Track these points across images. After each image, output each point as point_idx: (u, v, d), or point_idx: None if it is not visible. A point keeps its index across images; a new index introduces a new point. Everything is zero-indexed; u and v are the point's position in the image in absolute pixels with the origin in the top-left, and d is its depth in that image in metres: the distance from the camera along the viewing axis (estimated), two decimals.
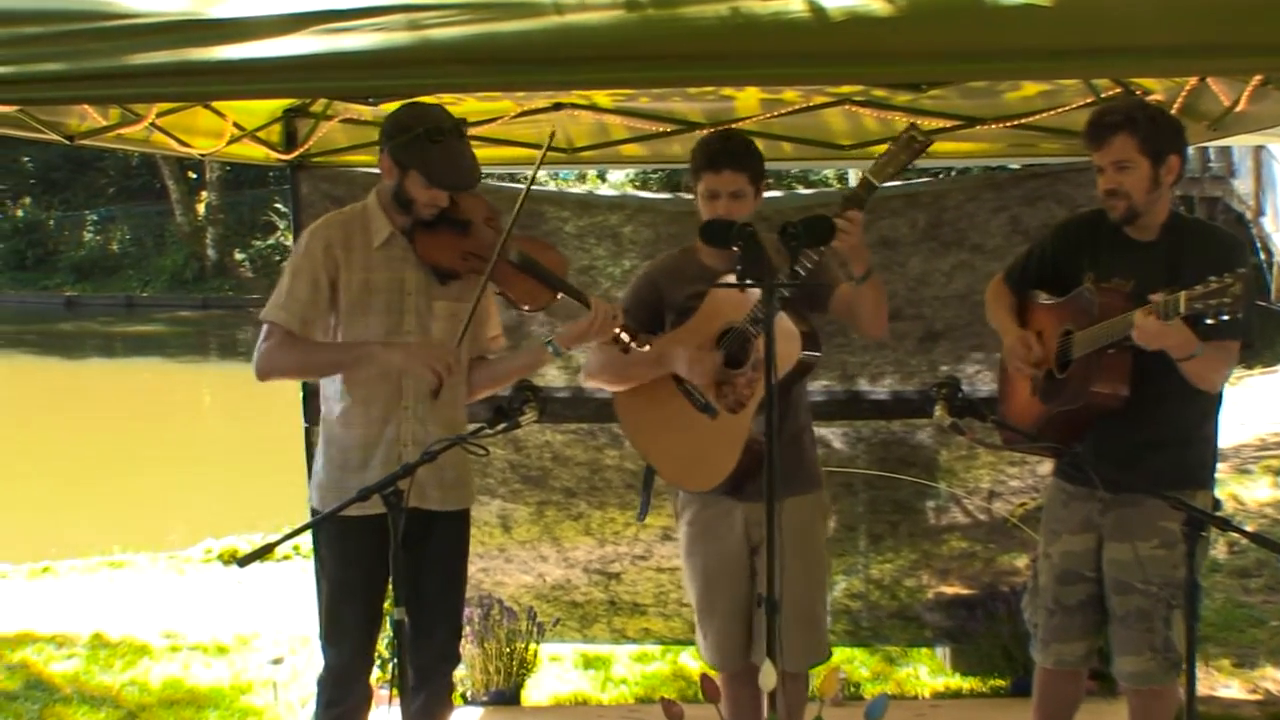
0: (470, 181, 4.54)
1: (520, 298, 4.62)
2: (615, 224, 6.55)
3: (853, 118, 6.10)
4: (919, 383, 6.47)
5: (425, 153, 4.43)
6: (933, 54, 3.27)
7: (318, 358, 4.61)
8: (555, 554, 6.82)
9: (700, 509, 4.85)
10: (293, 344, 4.54)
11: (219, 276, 37.97)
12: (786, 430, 4.66)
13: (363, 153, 6.40)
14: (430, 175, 4.46)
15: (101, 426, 18.94)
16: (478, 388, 4.84)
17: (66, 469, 15.86)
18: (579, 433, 6.68)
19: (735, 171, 4.62)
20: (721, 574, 4.80)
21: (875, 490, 6.60)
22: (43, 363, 27.32)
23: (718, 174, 4.62)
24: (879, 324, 4.64)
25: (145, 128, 5.31)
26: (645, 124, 6.17)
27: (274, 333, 4.55)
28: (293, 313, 4.53)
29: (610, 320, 4.51)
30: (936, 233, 6.41)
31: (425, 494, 4.60)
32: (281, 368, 4.59)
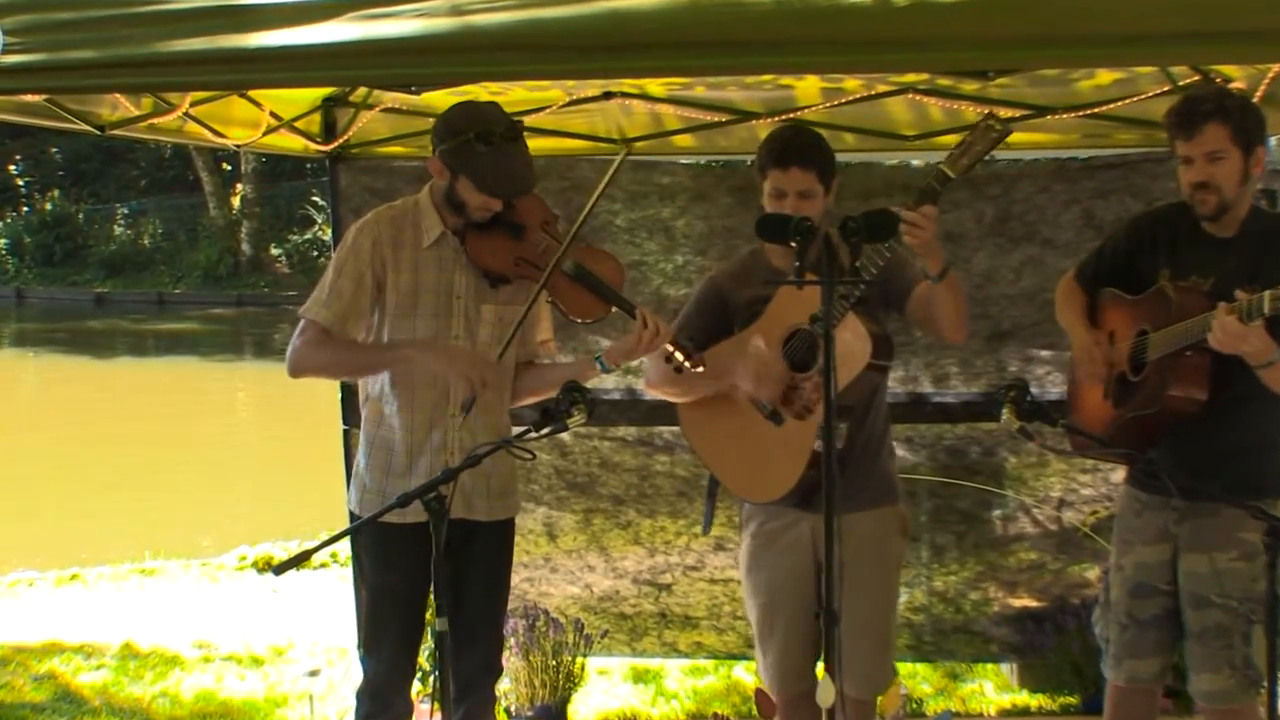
0: (523, 189, 4.56)
1: (572, 310, 4.64)
2: (668, 217, 6.56)
3: (917, 107, 6.08)
4: (985, 385, 6.44)
5: (476, 158, 4.45)
6: (1001, 40, 3.26)
7: (352, 357, 4.66)
8: (603, 564, 6.83)
9: (765, 520, 4.81)
10: (327, 342, 4.58)
11: (254, 272, 38.16)
12: (860, 439, 4.66)
13: (404, 144, 6.43)
14: (481, 182, 4.49)
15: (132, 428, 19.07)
16: (523, 393, 4.87)
17: (96, 472, 15.98)
18: (628, 438, 6.69)
19: (803, 169, 4.57)
20: (785, 590, 4.74)
21: (939, 498, 6.58)
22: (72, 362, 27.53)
23: (784, 171, 4.58)
24: (958, 327, 4.56)
25: (179, 117, 5.35)
26: (700, 114, 6.17)
27: (310, 329, 4.59)
28: (334, 311, 4.57)
29: (657, 338, 4.52)
30: (1004, 227, 6.39)
31: (472, 504, 4.64)
32: (315, 366, 4.63)
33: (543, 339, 4.91)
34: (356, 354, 4.66)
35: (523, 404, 4.90)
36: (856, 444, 4.64)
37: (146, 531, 12.24)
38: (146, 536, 11.78)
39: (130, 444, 17.87)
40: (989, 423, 6.41)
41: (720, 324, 4.81)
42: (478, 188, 4.49)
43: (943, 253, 4.41)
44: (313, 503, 11.56)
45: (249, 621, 8.98)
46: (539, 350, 4.91)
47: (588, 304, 4.63)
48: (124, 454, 17.19)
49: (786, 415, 4.60)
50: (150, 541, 11.46)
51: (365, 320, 4.64)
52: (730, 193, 6.50)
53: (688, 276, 6.53)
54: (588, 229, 6.29)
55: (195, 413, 20.92)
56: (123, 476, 15.78)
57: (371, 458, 4.73)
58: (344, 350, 4.62)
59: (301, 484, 13.92)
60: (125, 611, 9.39)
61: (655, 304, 6.43)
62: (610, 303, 4.61)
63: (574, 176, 6.49)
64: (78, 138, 33.31)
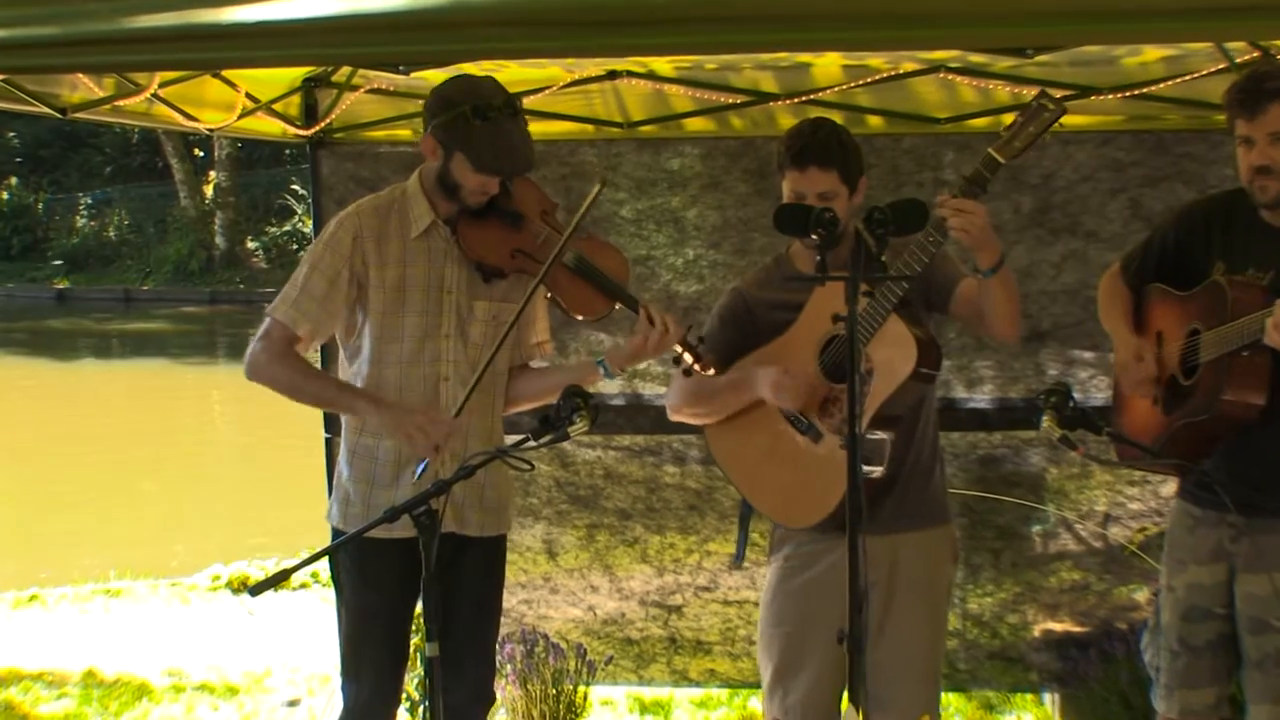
0: (522, 165, 4.55)
1: (573, 306, 4.62)
2: (677, 207, 6.56)
3: (948, 87, 6.08)
4: (1023, 390, 6.44)
5: (471, 133, 4.45)
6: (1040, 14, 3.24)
7: (309, 387, 4.69)
8: (607, 584, 6.83)
9: (800, 543, 4.78)
10: (288, 360, 4.62)
11: (229, 268, 38.18)
12: (910, 454, 4.64)
13: (392, 127, 6.44)
14: (477, 158, 4.48)
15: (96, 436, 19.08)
16: (517, 399, 4.87)
17: (56, 485, 15.98)
18: (635, 447, 6.69)
19: (823, 169, 4.55)
20: (818, 619, 4.66)
21: (973, 513, 6.58)
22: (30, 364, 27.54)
23: (802, 172, 4.56)
24: (1011, 324, 4.52)
25: (146, 99, 5.36)
26: (711, 94, 6.17)
27: (275, 332, 4.61)
28: (303, 312, 4.58)
29: (666, 337, 4.50)
30: (1044, 218, 6.38)
31: (464, 518, 4.64)
32: (271, 380, 4.64)
33: (539, 340, 4.91)
34: (314, 385, 4.71)
35: (517, 411, 4.90)
36: (906, 459, 4.62)
37: (111, 549, 12.23)
38: (111, 554, 11.77)
39: (94, 453, 17.87)
40: (1027, 431, 6.41)
41: (747, 338, 4.78)
42: (474, 165, 4.49)
43: (999, 243, 4.37)
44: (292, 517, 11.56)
45: (223, 647, 8.98)
46: (535, 352, 4.91)
47: (589, 299, 4.62)
48: (87, 464, 17.18)
49: (825, 430, 4.58)
50: (116, 560, 11.46)
51: (340, 322, 4.65)
52: (745, 179, 6.49)
53: (699, 272, 6.53)
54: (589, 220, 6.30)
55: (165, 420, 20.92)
56: (86, 489, 15.78)
57: (354, 467, 4.74)
58: (302, 377, 4.66)
59: (280, 497, 13.93)
60: (88, 636, 9.40)
61: (664, 302, 6.43)
62: (614, 298, 4.60)
63: (575, 162, 6.49)
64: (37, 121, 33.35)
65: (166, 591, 10.62)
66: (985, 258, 4.35)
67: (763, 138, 6.36)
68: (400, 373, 4.65)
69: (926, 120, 6.30)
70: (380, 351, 4.66)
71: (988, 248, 4.32)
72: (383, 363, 4.66)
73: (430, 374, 4.65)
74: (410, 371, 4.65)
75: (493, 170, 4.51)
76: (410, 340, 4.64)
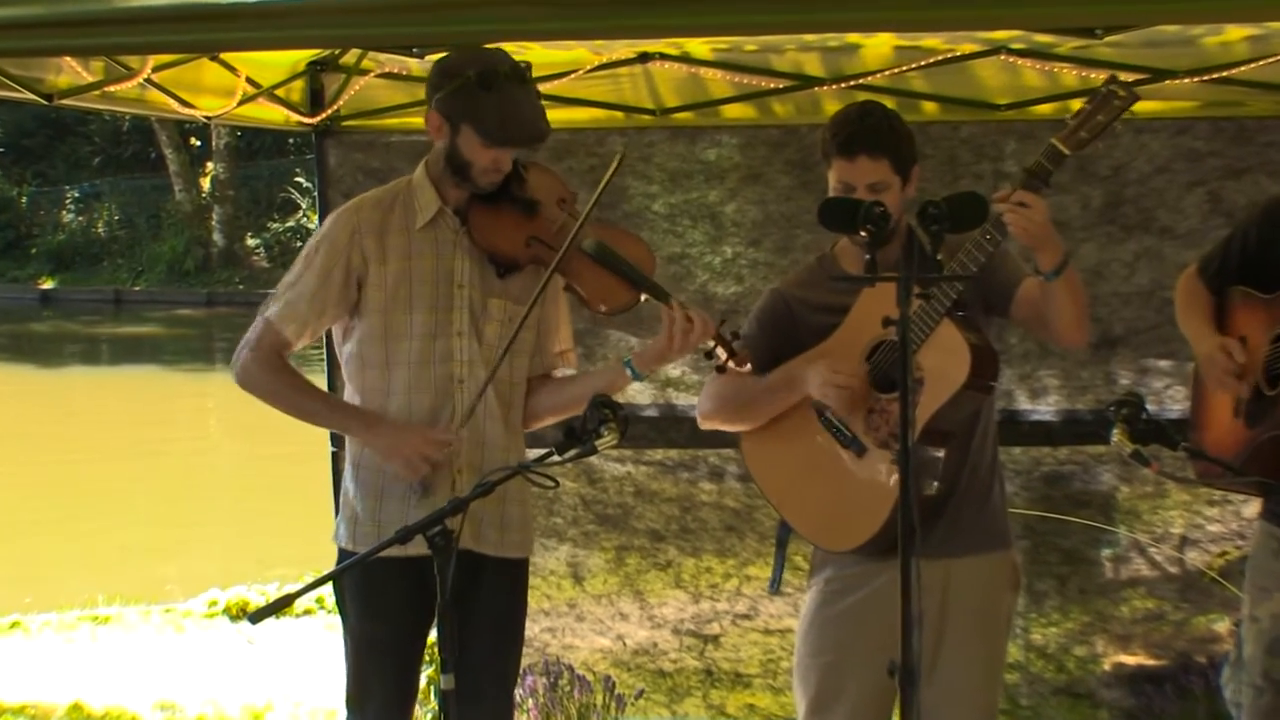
0: (535, 134, 4.54)
1: (594, 295, 4.61)
2: (714, 201, 6.56)
3: (1010, 70, 6.07)
4: (1092, 400, 6.43)
5: (478, 102, 4.44)
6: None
7: (300, 402, 4.70)
8: (638, 611, 6.84)
9: (842, 567, 4.74)
10: (279, 369, 4.65)
11: (227, 267, 38.28)
12: (965, 471, 4.62)
13: (405, 115, 6.46)
14: (485, 128, 4.47)
15: (83, 449, 19.13)
16: (539, 413, 4.84)
17: (40, 502, 16.02)
18: (668, 462, 6.69)
19: (873, 157, 4.52)
20: (860, 649, 4.64)
21: (1038, 535, 6.56)
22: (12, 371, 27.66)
23: (850, 161, 4.52)
24: (1077, 330, 4.49)
25: (139, 84, 5.38)
26: (751, 79, 6.17)
27: (266, 337, 4.63)
28: (294, 310, 4.60)
29: (693, 333, 4.48)
30: (1115, 213, 6.37)
31: (481, 535, 4.63)
32: (259, 389, 4.67)
33: (561, 348, 4.89)
34: (305, 400, 4.71)
35: (539, 426, 4.88)
36: (961, 477, 4.60)
37: (100, 572, 12.28)
38: (100, 578, 11.81)
39: (81, 468, 17.92)
40: (1096, 445, 6.40)
41: (787, 343, 4.75)
42: (483, 138, 4.48)
43: (1061, 243, 4.34)
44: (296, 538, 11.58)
45: (220, 679, 8.99)
46: (557, 361, 4.89)
47: (611, 288, 4.60)
48: (73, 480, 17.23)
49: (869, 444, 4.56)
50: (104, 584, 11.49)
51: (333, 320, 4.66)
52: (788, 170, 6.50)
53: (738, 272, 6.53)
54: (617, 215, 6.30)
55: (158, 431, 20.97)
56: (72, 507, 15.83)
57: (360, 482, 4.73)
58: (293, 390, 4.67)
59: (283, 515, 13.96)
60: (74, 666, 9.42)
61: (700, 304, 6.41)
62: (638, 288, 4.58)
63: (603, 153, 6.49)
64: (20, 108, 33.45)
65: (159, 618, 10.64)
66: (1046, 258, 4.32)
67: (807, 126, 6.35)
68: (410, 374, 4.64)
69: (986, 106, 6.30)
70: (387, 352, 4.65)
71: (1048, 247, 4.30)
72: (390, 364, 4.65)
73: (442, 375, 4.64)
74: (420, 373, 4.64)
75: (502, 140, 4.50)
76: (419, 338, 4.63)
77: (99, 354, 31.37)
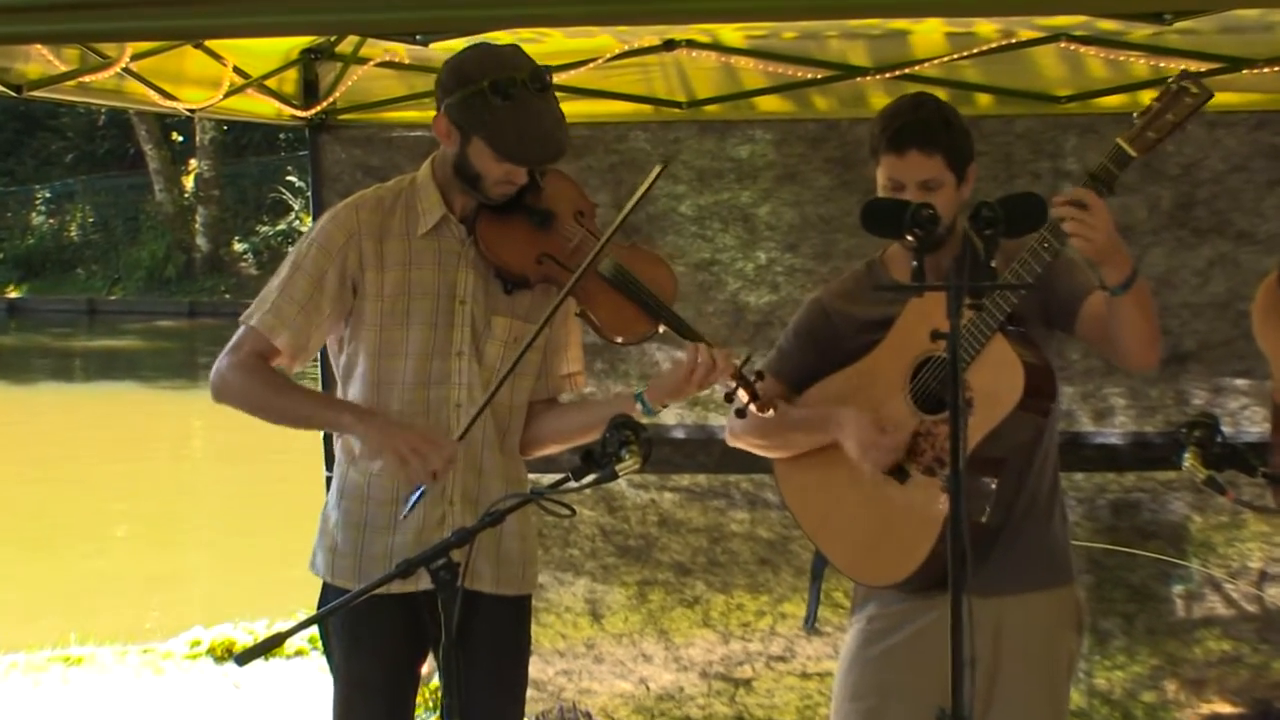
0: (554, 152, 4.52)
1: (609, 324, 4.59)
2: (747, 203, 6.57)
3: (1071, 60, 6.07)
4: (1162, 422, 6.42)
5: (493, 112, 4.42)
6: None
7: (282, 402, 4.65)
8: (663, 652, 6.84)
9: (885, 603, 4.73)
10: (260, 372, 4.60)
11: (212, 274, 38.36)
12: (1021, 501, 4.60)
13: (407, 108, 6.47)
14: (499, 143, 4.45)
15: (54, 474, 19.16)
16: (539, 440, 4.83)
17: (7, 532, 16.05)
18: (696, 488, 6.69)
19: (925, 153, 4.51)
20: (904, 692, 4.63)
21: (1102, 570, 6.56)
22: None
23: (900, 156, 4.51)
24: (1147, 350, 4.46)
25: (116, 74, 5.39)
26: (788, 68, 6.17)
27: (247, 344, 4.61)
28: (281, 318, 4.58)
29: (714, 371, 4.46)
30: (1186, 216, 6.36)
31: (474, 570, 4.58)
32: (240, 398, 4.63)
33: (570, 371, 4.87)
34: (288, 399, 4.66)
35: (537, 455, 4.87)
36: (1017, 506, 4.57)
37: (72, 608, 12.30)
38: (72, 615, 11.82)
39: (52, 495, 17.96)
40: (1167, 471, 6.39)
41: (826, 359, 4.75)
42: (496, 152, 4.46)
43: (1128, 254, 4.31)
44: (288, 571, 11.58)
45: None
46: (564, 385, 4.88)
47: (628, 317, 4.59)
48: (44, 508, 17.27)
49: (913, 470, 4.55)
50: (77, 621, 11.50)
51: (327, 330, 4.64)
52: (828, 169, 6.50)
53: (773, 280, 6.53)
54: (640, 217, 6.30)
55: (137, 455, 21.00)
56: (42, 537, 15.86)
57: (343, 509, 4.71)
58: (273, 391, 4.63)
59: (274, 547, 13.95)
60: (43, 712, 9.44)
61: (731, 315, 6.44)
62: (657, 318, 4.58)
63: (625, 150, 6.50)
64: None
65: (136, 659, 10.65)
66: (1112, 271, 4.28)
67: (849, 120, 6.36)
68: (403, 396, 4.63)
69: (1045, 99, 6.29)
70: (380, 371, 4.64)
71: (1114, 259, 4.26)
72: (382, 384, 4.64)
73: (439, 398, 4.63)
74: (415, 395, 4.63)
75: (518, 158, 4.49)
76: (414, 357, 4.62)
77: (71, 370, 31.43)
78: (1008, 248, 4.05)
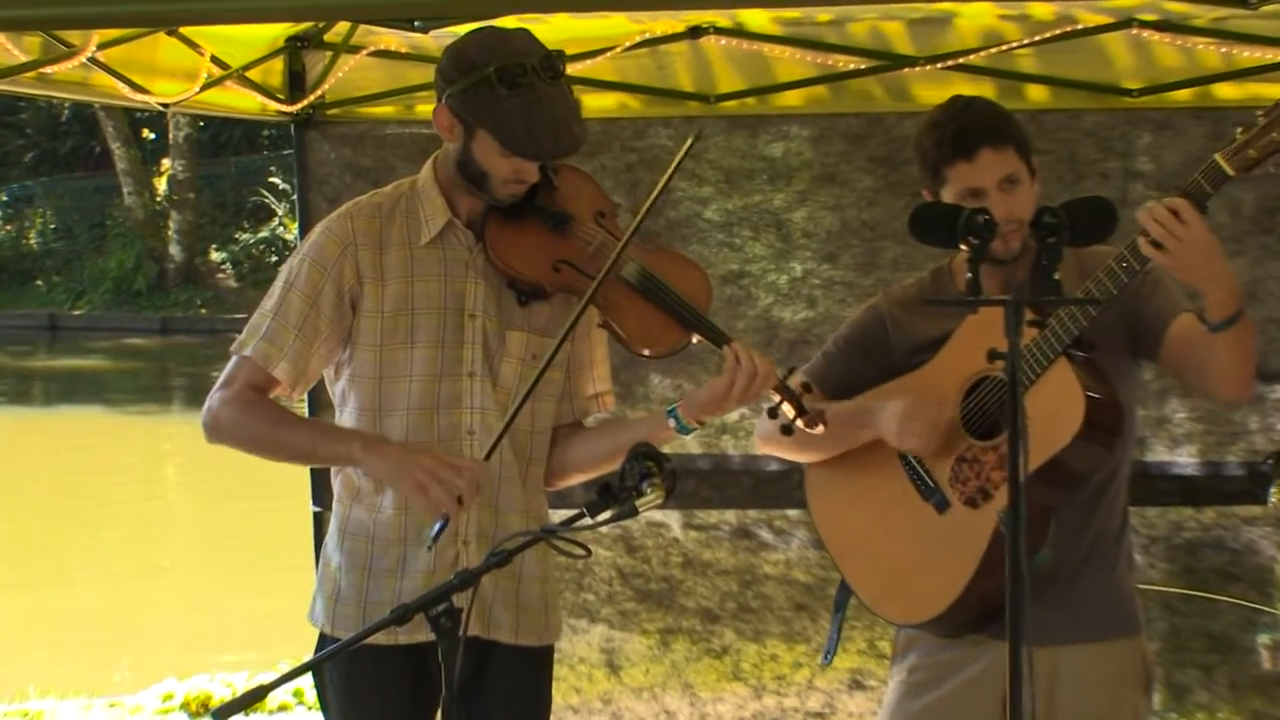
0: (568, 144, 4.51)
1: (634, 334, 4.56)
2: (781, 206, 6.56)
3: (1140, 48, 6.05)
4: (1244, 450, 6.40)
5: (499, 103, 4.40)
6: None
7: (283, 436, 4.65)
8: (688, 708, 6.83)
9: (929, 651, 4.72)
10: (257, 406, 4.59)
11: (187, 286, 38.39)
12: (1082, 542, 4.58)
13: (404, 102, 6.47)
14: (507, 135, 4.43)
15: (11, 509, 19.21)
16: (566, 470, 4.81)
17: None
18: (725, 526, 6.69)
19: (996, 147, 4.47)
20: None
21: (1178, 616, 6.54)
22: None
23: (971, 160, 4.45)
24: (1239, 388, 4.44)
25: (81, 64, 5.40)
26: (822, 57, 6.16)
27: (240, 376, 4.59)
28: (278, 345, 4.55)
29: (755, 382, 4.42)
30: (1272, 221, 6.35)
31: (491, 617, 4.59)
32: (236, 436, 4.63)
33: (597, 391, 4.85)
34: (289, 433, 4.67)
35: (566, 485, 4.87)
36: (1078, 545, 4.55)
37: (30, 657, 12.31)
38: (31, 665, 11.84)
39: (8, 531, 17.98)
40: (1250, 506, 6.38)
41: (875, 370, 4.75)
42: (503, 145, 4.43)
43: (1236, 286, 4.20)
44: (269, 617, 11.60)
45: None
46: (591, 406, 4.86)
47: (657, 327, 4.56)
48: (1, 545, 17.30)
49: (954, 499, 4.54)
50: (36, 673, 11.52)
51: (327, 354, 4.62)
52: (871, 168, 6.49)
53: (809, 293, 6.53)
54: (660, 223, 6.31)
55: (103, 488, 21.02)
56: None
57: (346, 551, 4.69)
58: (272, 425, 4.62)
59: (254, 590, 13.98)
60: None
61: (763, 332, 6.44)
62: (689, 327, 4.55)
63: (643, 148, 6.50)
64: None
65: (102, 714, 10.67)
66: (1218, 303, 4.19)
67: (895, 114, 6.36)
68: (408, 423, 4.60)
69: (1114, 91, 6.27)
70: (381, 396, 4.62)
71: (1215, 288, 4.17)
72: (384, 411, 4.62)
73: (449, 425, 4.61)
74: (421, 422, 4.60)
75: (528, 152, 4.46)
76: (420, 379, 4.60)
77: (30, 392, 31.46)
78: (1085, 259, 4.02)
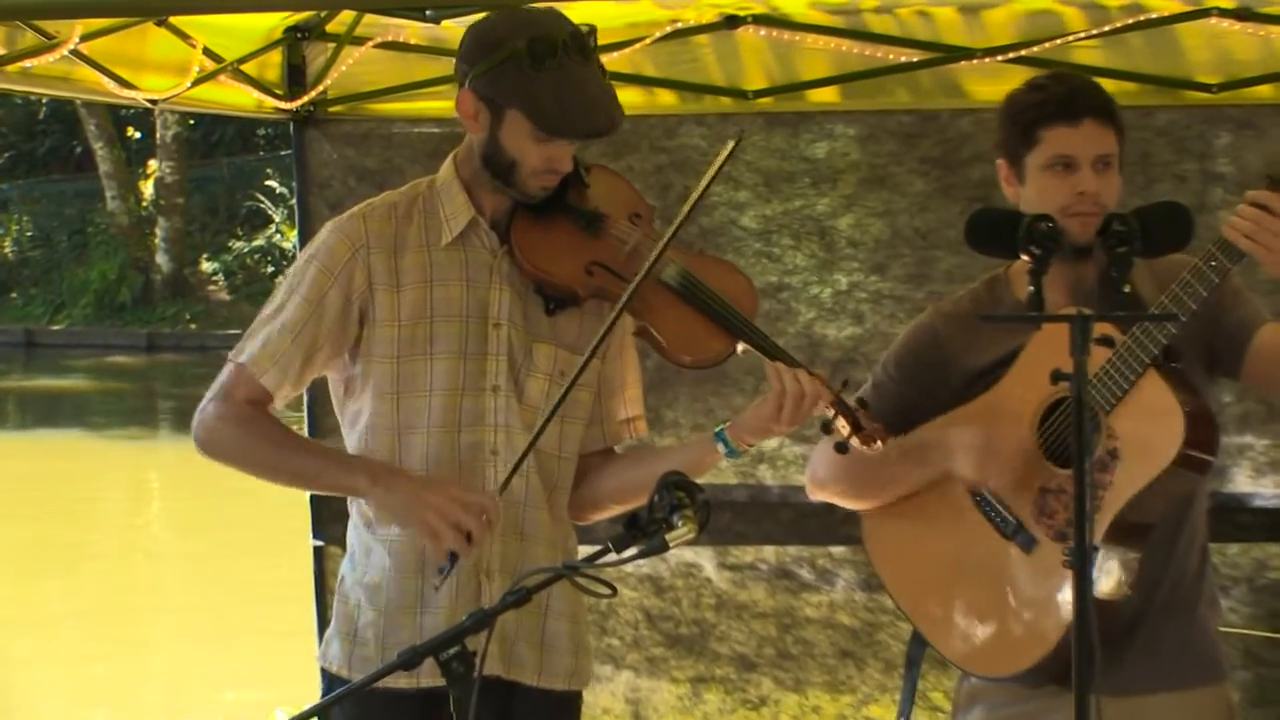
0: (607, 122, 4.49)
1: (675, 342, 4.52)
2: (823, 212, 6.55)
3: (1217, 40, 6.04)
4: None
5: (529, 80, 4.38)
6: None
7: (284, 461, 4.65)
8: None
9: (995, 705, 4.70)
10: (257, 422, 4.58)
11: (175, 298, 38.48)
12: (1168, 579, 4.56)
13: (413, 98, 6.48)
14: (539, 114, 4.40)
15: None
16: (597, 501, 4.79)
17: None
18: (762, 565, 6.68)
19: (1101, 122, 4.46)
20: None
21: (1263, 665, 6.52)
22: None
23: (1075, 125, 4.43)
24: None
25: (63, 57, 5.41)
26: (871, 49, 6.15)
27: (239, 386, 4.58)
28: (275, 355, 4.54)
29: (805, 400, 4.38)
30: None
31: (514, 657, 4.58)
32: (228, 452, 4.62)
33: (629, 415, 4.81)
34: (291, 458, 4.65)
35: (601, 517, 4.83)
36: (1161, 586, 4.54)
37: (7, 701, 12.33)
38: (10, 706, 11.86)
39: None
40: None
41: (931, 395, 4.71)
42: (534, 123, 4.39)
43: None
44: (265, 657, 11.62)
45: None
46: (622, 431, 4.83)
47: (698, 333, 4.52)
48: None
49: (1041, 535, 4.51)
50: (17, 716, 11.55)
51: (321, 365, 4.60)
52: (923, 171, 6.48)
53: (855, 308, 6.52)
54: (693, 231, 6.30)
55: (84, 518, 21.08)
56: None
57: (367, 586, 4.68)
58: (273, 447, 4.61)
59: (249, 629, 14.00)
60: None
61: (805, 351, 6.42)
62: (734, 334, 4.51)
63: (674, 148, 6.50)
64: None
65: None
66: None
67: (949, 112, 6.34)
68: (427, 443, 4.58)
69: (1190, 86, 6.25)
70: (398, 414, 4.60)
71: None
72: (401, 430, 4.60)
73: (471, 444, 4.58)
74: (442, 441, 4.58)
75: (562, 130, 4.42)
76: (441, 394, 4.57)
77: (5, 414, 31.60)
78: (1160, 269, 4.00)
